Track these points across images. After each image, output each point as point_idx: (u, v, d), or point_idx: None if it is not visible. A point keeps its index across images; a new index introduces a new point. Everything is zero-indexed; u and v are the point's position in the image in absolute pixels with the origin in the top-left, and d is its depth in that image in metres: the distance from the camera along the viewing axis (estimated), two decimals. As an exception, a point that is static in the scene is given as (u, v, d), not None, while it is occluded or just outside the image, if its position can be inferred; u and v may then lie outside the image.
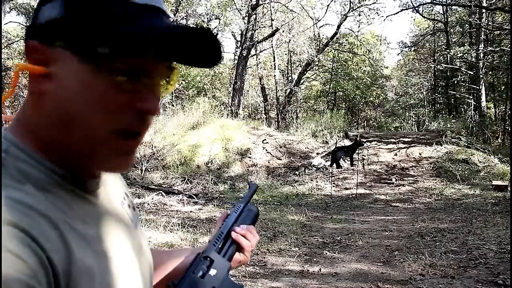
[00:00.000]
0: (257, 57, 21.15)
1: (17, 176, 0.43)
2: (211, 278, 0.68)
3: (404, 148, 12.06)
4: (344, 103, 26.40)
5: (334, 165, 10.38)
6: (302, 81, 22.00)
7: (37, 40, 0.46)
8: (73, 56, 0.45)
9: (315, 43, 20.11)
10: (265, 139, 12.22)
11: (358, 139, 10.79)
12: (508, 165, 9.68)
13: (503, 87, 20.26)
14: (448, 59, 18.44)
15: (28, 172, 0.45)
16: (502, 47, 17.08)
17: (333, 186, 9.58)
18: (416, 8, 18.77)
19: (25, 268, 0.37)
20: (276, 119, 18.56)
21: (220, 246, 0.74)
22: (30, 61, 0.46)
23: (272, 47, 19.39)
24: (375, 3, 18.68)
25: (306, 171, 10.76)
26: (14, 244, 0.37)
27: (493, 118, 21.07)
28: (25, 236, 0.39)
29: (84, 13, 0.44)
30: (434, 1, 17.84)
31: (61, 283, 0.41)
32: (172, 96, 17.40)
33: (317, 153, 11.72)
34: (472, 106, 18.30)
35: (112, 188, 0.59)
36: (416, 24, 25.73)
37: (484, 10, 16.23)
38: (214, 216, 6.48)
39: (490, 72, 19.34)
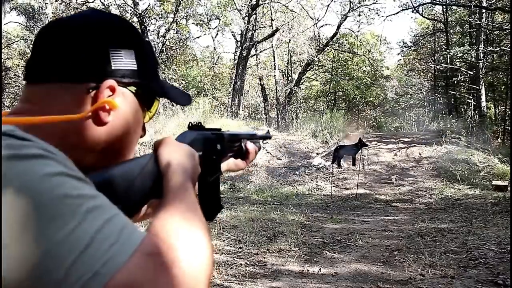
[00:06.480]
0: (257, 57, 21.14)
1: None
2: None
3: (404, 148, 12.07)
4: (344, 103, 26.38)
5: (335, 164, 10.35)
6: (302, 81, 22.00)
7: (116, 81, 0.59)
8: (132, 96, 0.62)
9: (315, 43, 20.10)
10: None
11: (362, 139, 10.74)
12: (508, 165, 9.67)
13: (503, 87, 20.24)
14: (448, 59, 18.41)
15: None
16: (502, 47, 17.07)
17: (333, 186, 9.58)
18: (416, 8, 18.76)
19: None
20: (276, 119, 18.54)
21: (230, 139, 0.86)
22: (102, 94, 0.57)
23: (272, 47, 19.38)
24: (375, 3, 18.70)
25: (306, 171, 10.76)
26: None
27: (493, 118, 21.06)
28: None
29: (146, 69, 0.64)
30: (434, 1, 17.83)
31: None
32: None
33: (317, 153, 11.72)
34: (472, 106, 18.29)
35: None
36: (418, 23, 25.71)
37: (484, 10, 16.22)
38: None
39: (490, 72, 19.30)
